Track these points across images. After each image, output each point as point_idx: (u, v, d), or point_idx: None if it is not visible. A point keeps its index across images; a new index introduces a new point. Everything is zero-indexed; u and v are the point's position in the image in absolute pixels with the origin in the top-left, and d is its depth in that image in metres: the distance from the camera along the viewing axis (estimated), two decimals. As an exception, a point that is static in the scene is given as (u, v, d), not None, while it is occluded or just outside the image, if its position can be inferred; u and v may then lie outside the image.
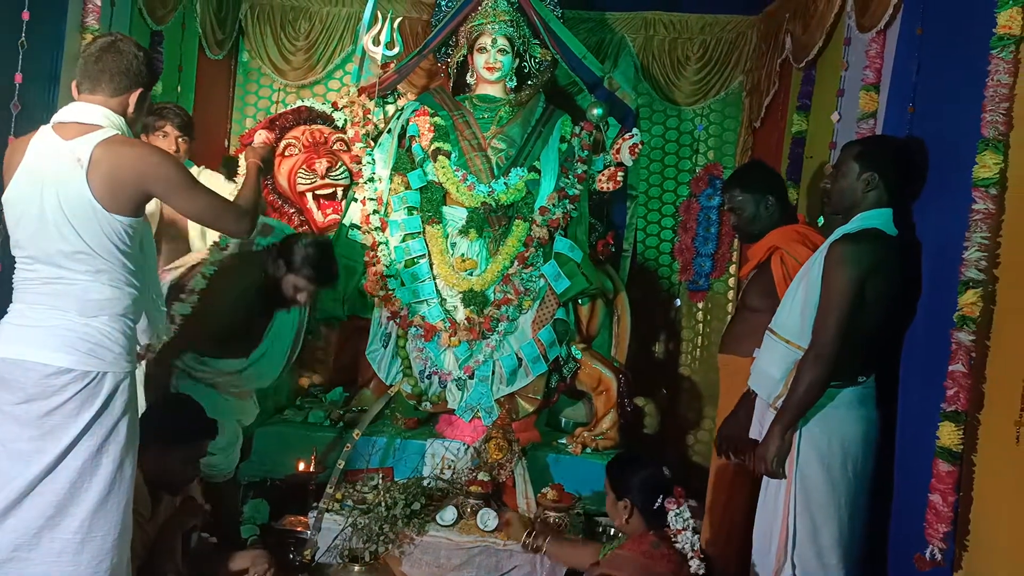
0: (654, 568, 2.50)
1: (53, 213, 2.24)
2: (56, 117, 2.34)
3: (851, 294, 2.53)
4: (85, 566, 2.24)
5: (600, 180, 4.30)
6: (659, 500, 2.65)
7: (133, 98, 2.36)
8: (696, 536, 2.55)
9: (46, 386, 2.21)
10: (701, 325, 4.89)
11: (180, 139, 3.71)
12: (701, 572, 2.51)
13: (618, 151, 4.26)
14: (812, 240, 3.21)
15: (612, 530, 3.34)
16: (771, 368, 2.74)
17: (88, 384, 2.24)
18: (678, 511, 2.61)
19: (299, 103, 4.49)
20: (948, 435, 2.33)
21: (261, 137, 4.09)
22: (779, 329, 2.77)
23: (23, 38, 2.99)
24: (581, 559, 3.03)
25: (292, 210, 4.24)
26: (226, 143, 4.89)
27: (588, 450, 3.96)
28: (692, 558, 2.52)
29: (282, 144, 4.25)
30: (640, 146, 4.26)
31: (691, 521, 2.59)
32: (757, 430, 2.86)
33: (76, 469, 2.23)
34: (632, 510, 2.69)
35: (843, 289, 2.53)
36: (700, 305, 4.85)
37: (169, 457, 2.77)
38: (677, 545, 2.56)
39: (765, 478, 2.74)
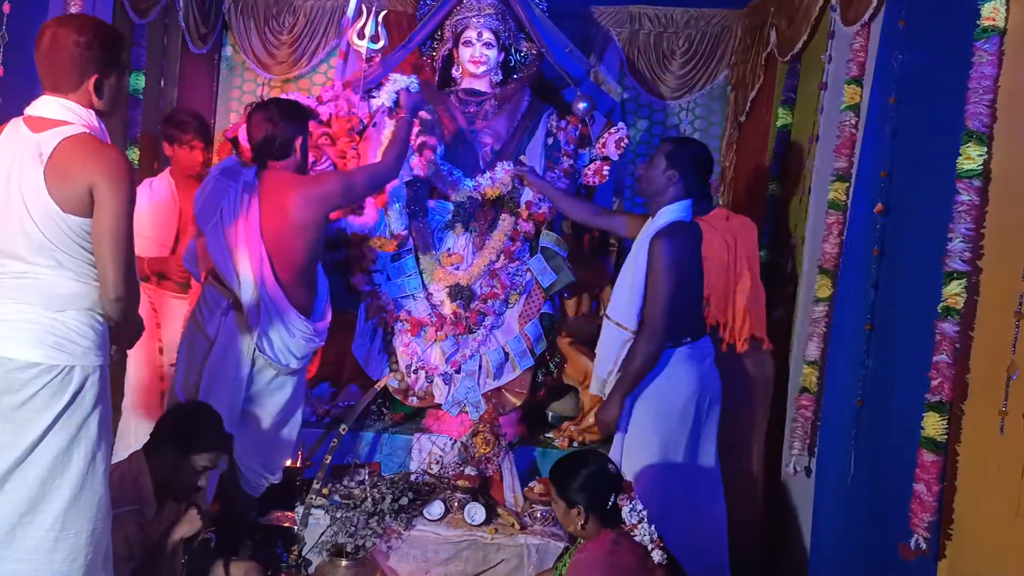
0: (622, 562, 2.45)
1: (17, 206, 2.21)
2: (28, 109, 2.31)
3: (673, 280, 3.05)
4: (59, 563, 2.22)
5: (586, 174, 4.29)
6: (611, 499, 2.54)
7: (90, 86, 2.28)
8: (652, 526, 2.52)
9: (12, 380, 2.19)
10: (687, 319, 4.90)
11: (204, 150, 3.92)
12: (664, 561, 2.49)
13: (604, 145, 4.26)
14: (709, 221, 3.58)
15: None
16: (606, 348, 3.25)
17: (55, 378, 2.22)
18: (631, 506, 2.53)
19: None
20: (932, 425, 2.35)
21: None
22: (611, 313, 3.26)
23: (3, 30, 2.96)
24: None
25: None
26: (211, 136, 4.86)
27: (575, 444, 3.96)
28: (653, 549, 2.49)
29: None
30: (626, 140, 4.26)
31: (644, 512, 2.53)
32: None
33: (46, 465, 2.20)
34: (586, 516, 2.54)
35: (666, 278, 3.05)
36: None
37: (180, 464, 2.75)
38: (636, 538, 2.50)
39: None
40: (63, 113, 2.26)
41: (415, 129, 4.21)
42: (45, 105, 2.28)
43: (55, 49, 2.25)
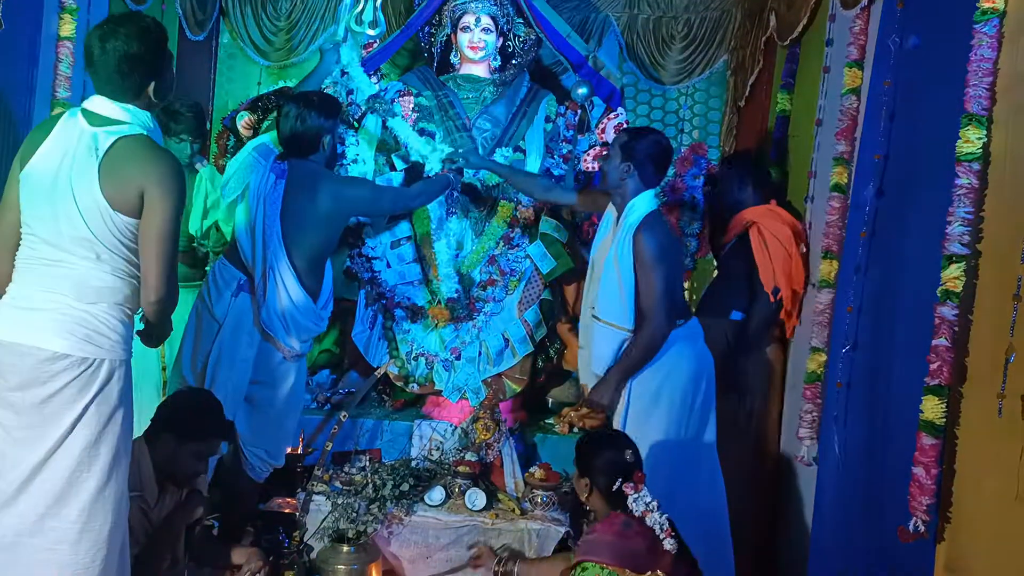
0: (629, 545, 2.48)
1: (63, 196, 2.21)
2: (85, 103, 2.31)
3: (664, 272, 3.04)
4: (83, 554, 2.23)
5: (585, 160, 4.28)
6: (617, 483, 2.62)
7: (149, 92, 2.30)
8: (664, 516, 2.54)
9: (42, 372, 2.19)
10: (687, 304, 4.90)
11: (194, 143, 3.93)
12: (674, 550, 2.51)
13: (603, 131, 4.25)
14: (782, 216, 3.64)
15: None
16: (604, 349, 3.18)
17: (85, 371, 2.22)
18: (637, 495, 2.56)
19: (281, 84, 4.44)
20: (931, 409, 2.35)
21: (244, 118, 4.06)
22: (603, 315, 3.19)
23: (0, 19, 2.95)
24: (554, 571, 2.94)
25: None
26: (208, 125, 4.84)
27: (575, 429, 3.96)
28: (664, 538, 2.51)
29: (264, 125, 4.21)
30: (625, 125, 4.25)
31: (653, 503, 2.56)
32: None
33: (75, 457, 2.21)
34: (592, 489, 2.69)
35: (659, 272, 3.03)
36: (686, 284, 4.85)
37: (180, 450, 2.76)
38: (648, 524, 2.54)
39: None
40: (121, 113, 2.27)
41: (413, 115, 4.21)
42: (103, 103, 2.28)
43: (107, 63, 2.24)
